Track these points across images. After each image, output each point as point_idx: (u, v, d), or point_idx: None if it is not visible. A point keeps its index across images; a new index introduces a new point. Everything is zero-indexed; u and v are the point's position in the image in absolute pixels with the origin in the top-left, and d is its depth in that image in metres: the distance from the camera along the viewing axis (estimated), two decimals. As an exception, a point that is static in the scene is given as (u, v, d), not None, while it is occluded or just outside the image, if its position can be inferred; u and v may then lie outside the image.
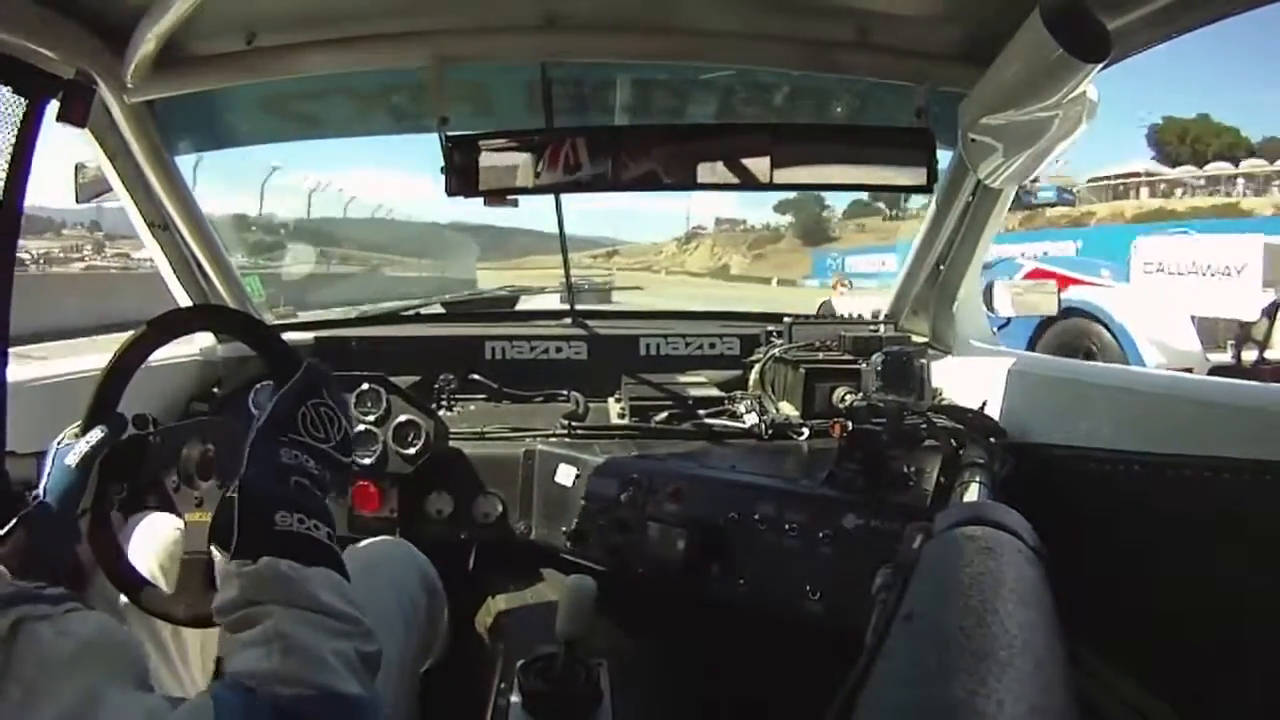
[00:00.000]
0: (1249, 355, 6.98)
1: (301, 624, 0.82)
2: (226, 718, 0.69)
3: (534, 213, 2.53)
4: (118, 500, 1.31)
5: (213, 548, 1.26)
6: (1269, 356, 6.88)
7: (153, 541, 1.48)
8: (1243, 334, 7.09)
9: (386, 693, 1.38)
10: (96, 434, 1.24)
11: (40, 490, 1.22)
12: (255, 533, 0.88)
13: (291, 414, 1.01)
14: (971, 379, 2.12)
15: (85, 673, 0.65)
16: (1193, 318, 7.56)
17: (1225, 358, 7.22)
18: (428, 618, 1.67)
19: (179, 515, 1.31)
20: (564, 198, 2.49)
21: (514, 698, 1.50)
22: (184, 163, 2.12)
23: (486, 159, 1.92)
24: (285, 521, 0.89)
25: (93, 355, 1.73)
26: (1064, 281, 8.63)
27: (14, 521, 1.17)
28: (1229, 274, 8.41)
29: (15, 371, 1.41)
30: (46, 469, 1.24)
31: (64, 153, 2.02)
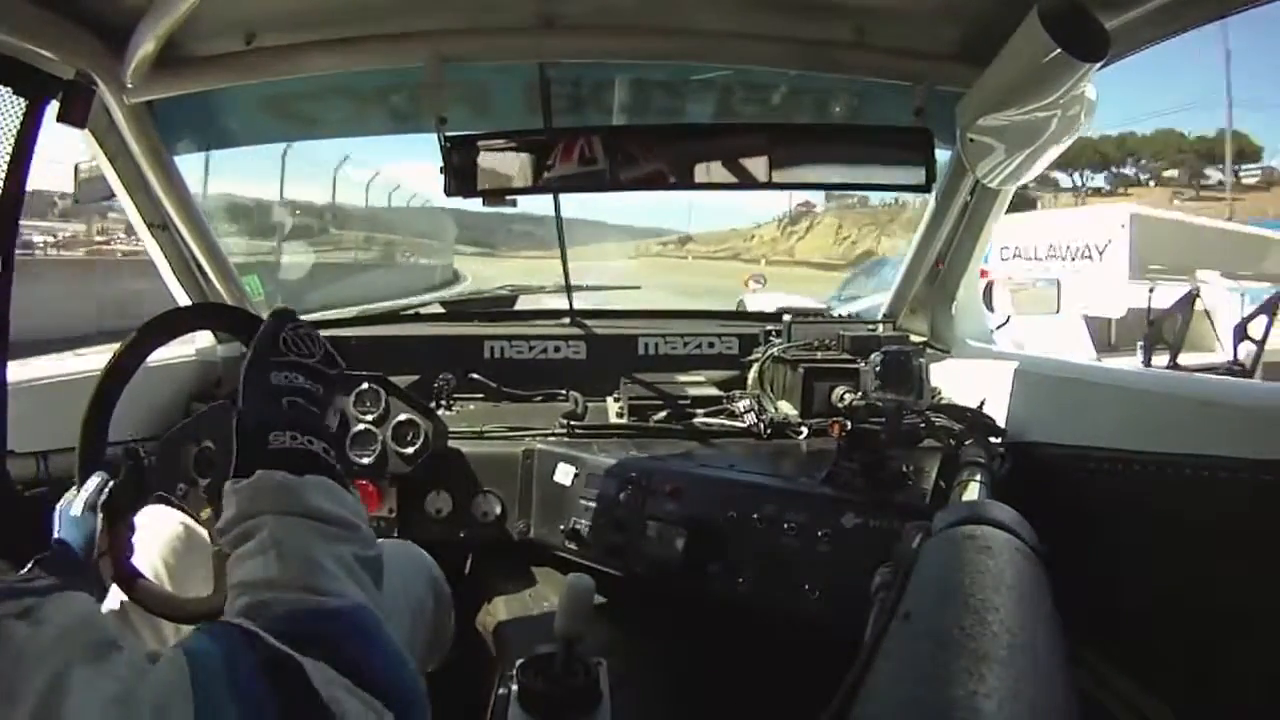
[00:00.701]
0: (1160, 360, 5.52)
1: (296, 530, 0.82)
2: (204, 672, 0.67)
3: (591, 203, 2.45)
4: (130, 538, 1.31)
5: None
6: (1185, 362, 5.46)
7: (154, 539, 1.48)
8: (1153, 333, 5.61)
9: None
10: (94, 482, 1.25)
11: (53, 544, 1.22)
12: (250, 454, 0.89)
13: (273, 341, 1.02)
14: (970, 378, 2.12)
15: (57, 657, 0.63)
16: (1086, 317, 6.01)
17: (1130, 361, 5.71)
18: (434, 620, 1.67)
19: (194, 518, 1.32)
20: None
21: (513, 696, 1.50)
22: (183, 162, 2.12)
23: (485, 159, 1.92)
24: (279, 440, 0.90)
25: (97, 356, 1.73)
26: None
27: (30, 565, 1.17)
28: (1090, 256, 6.87)
29: (16, 371, 1.42)
30: (55, 529, 1.24)
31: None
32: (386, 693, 0.73)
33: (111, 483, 1.25)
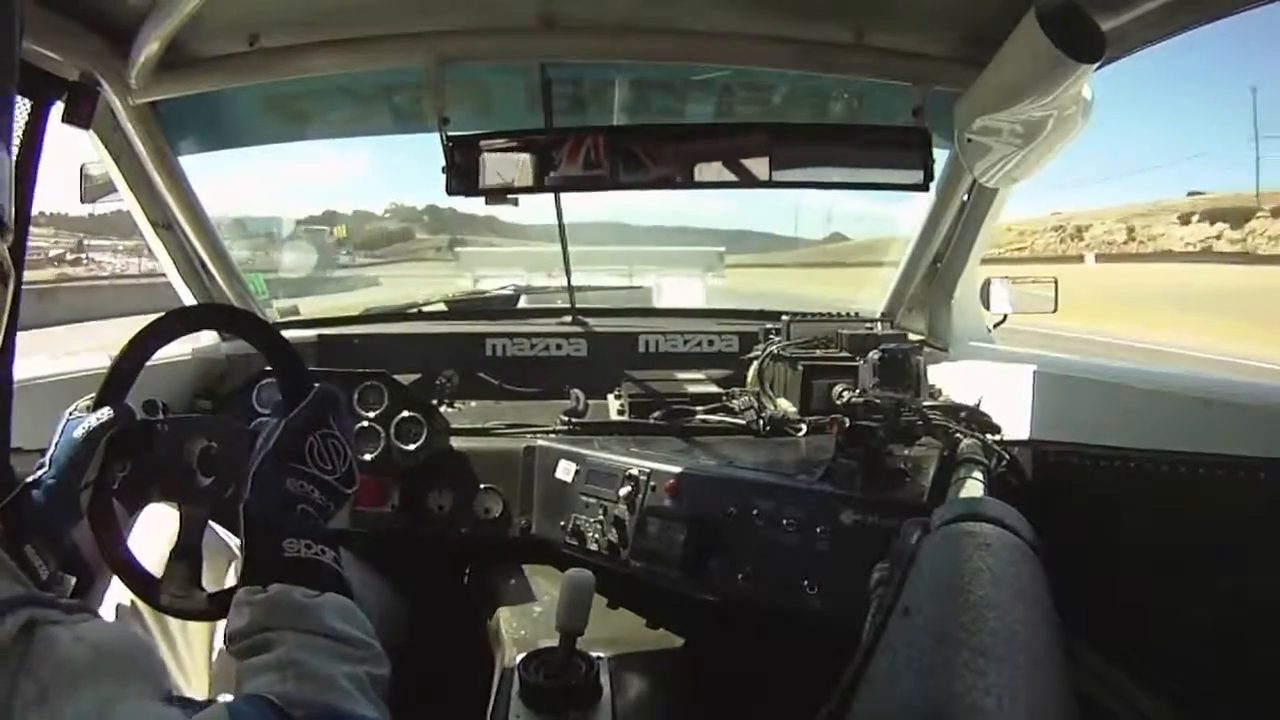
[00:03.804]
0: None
1: (314, 650, 0.83)
2: None
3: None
4: (120, 479, 1.32)
5: (203, 546, 1.29)
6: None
7: (158, 535, 1.48)
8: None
9: None
10: (106, 412, 1.26)
11: (46, 460, 1.24)
12: (265, 559, 0.90)
13: (299, 443, 1.02)
14: (968, 376, 2.13)
15: (101, 681, 0.63)
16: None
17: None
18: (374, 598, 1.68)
19: (176, 507, 1.33)
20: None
21: (514, 691, 1.52)
22: (187, 162, 2.14)
23: (487, 159, 1.94)
24: (293, 548, 0.91)
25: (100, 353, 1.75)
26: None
27: (17, 490, 1.19)
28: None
29: (24, 369, 1.43)
30: (54, 439, 1.26)
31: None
32: None
33: (122, 424, 1.27)
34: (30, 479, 1.22)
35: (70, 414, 1.27)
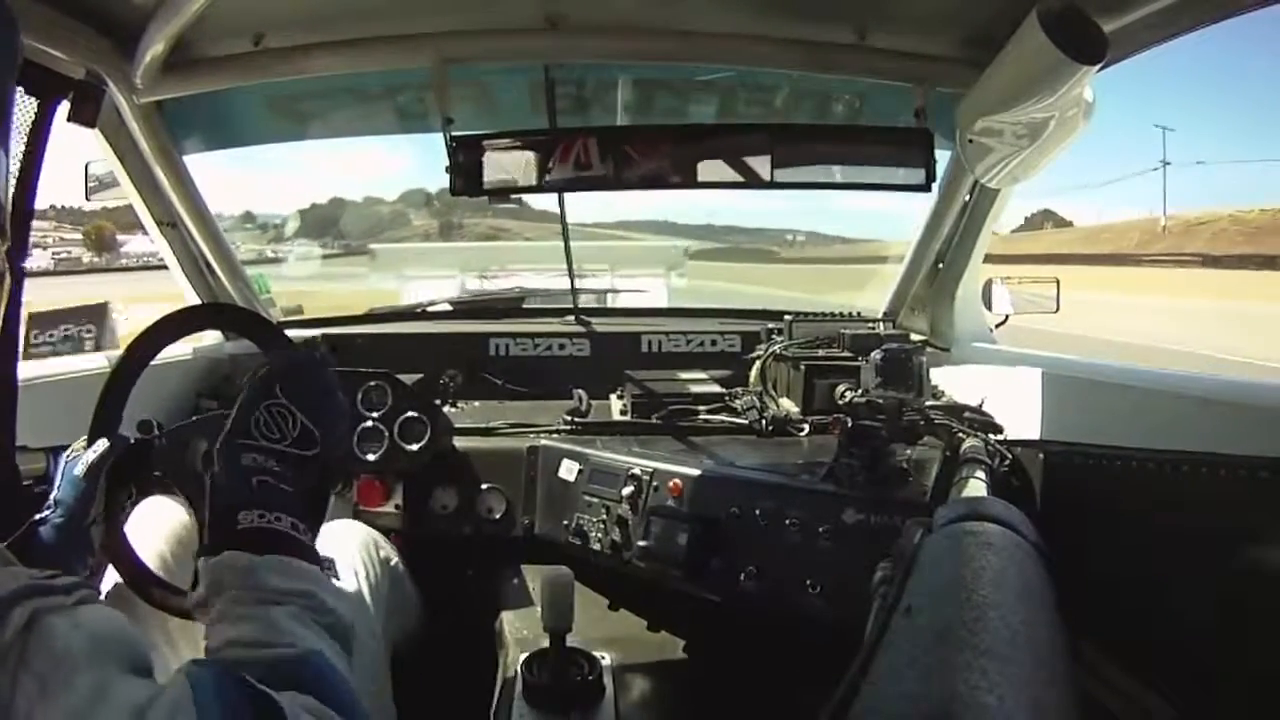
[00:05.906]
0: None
1: (255, 603, 0.86)
2: (201, 693, 0.71)
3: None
4: (128, 506, 1.33)
5: None
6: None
7: (159, 527, 1.48)
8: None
9: (362, 665, 1.43)
10: (102, 444, 1.27)
11: (51, 501, 1.25)
12: (220, 532, 0.93)
13: (245, 420, 1.03)
14: (970, 376, 2.13)
15: (97, 666, 0.66)
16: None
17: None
18: (389, 590, 1.71)
19: (189, 513, 1.33)
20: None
21: (518, 692, 1.52)
22: (192, 161, 2.15)
23: (490, 159, 1.95)
24: (247, 519, 0.93)
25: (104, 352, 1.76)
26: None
27: (24, 528, 1.20)
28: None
29: (27, 368, 1.43)
30: (56, 481, 1.27)
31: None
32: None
33: (119, 452, 1.27)
34: (37, 517, 1.23)
35: (68, 455, 1.29)
